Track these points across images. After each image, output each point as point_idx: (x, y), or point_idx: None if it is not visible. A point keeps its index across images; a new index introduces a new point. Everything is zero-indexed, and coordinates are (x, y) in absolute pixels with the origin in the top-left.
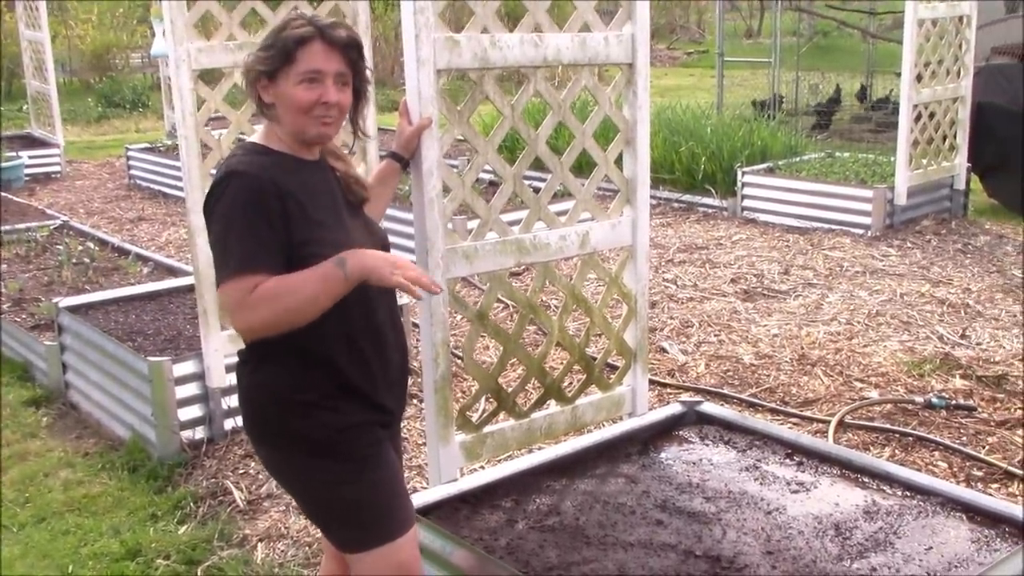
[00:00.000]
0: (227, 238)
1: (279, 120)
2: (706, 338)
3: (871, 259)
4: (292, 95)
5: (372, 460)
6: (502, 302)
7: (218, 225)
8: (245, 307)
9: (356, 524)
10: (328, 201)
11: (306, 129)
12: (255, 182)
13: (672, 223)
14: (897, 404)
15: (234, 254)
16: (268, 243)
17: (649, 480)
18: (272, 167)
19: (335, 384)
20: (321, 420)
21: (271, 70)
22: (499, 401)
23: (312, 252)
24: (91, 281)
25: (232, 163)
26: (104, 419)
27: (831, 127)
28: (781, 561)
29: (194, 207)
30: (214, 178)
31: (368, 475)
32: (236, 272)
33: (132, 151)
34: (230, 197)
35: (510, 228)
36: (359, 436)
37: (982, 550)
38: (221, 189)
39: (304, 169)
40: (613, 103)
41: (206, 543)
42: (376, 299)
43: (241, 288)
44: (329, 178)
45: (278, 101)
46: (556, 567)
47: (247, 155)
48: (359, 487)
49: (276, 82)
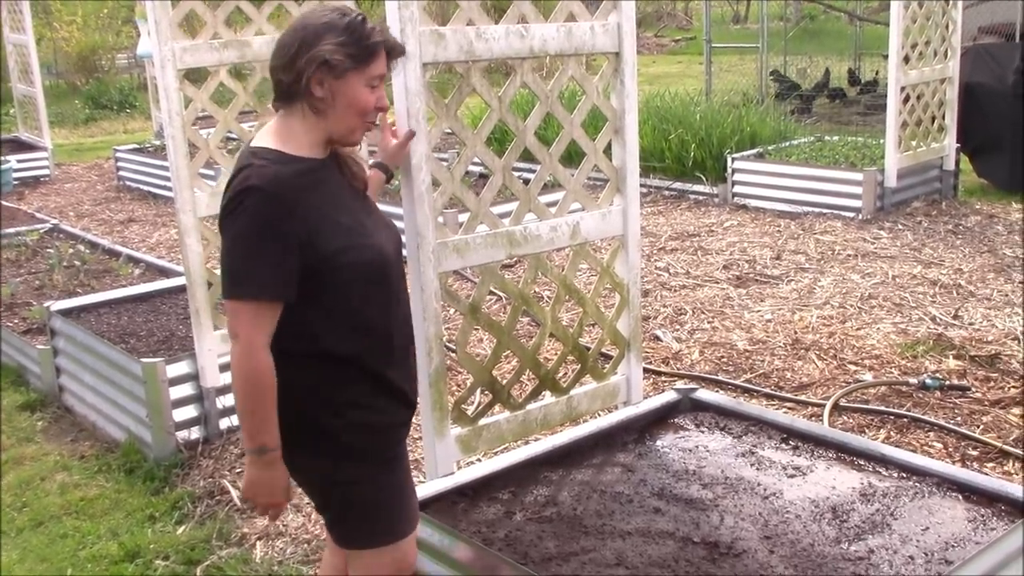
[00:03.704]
0: (244, 258)
1: (324, 115)
2: (699, 325)
3: (862, 242)
4: (359, 96)
5: (395, 462)
6: (494, 294)
7: (236, 243)
8: (244, 345)
9: (368, 522)
10: (347, 201)
11: (355, 130)
12: (277, 202)
13: (663, 211)
14: (891, 386)
15: (252, 278)
16: (282, 270)
17: (646, 468)
18: (296, 178)
19: (370, 384)
20: (353, 421)
21: (346, 68)
22: (494, 393)
23: (344, 261)
24: (82, 284)
25: (250, 174)
26: (99, 422)
27: (813, 111)
28: (779, 545)
29: (184, 207)
30: (233, 186)
31: (388, 477)
32: (252, 297)
33: (120, 152)
34: (249, 215)
35: (500, 220)
36: (387, 438)
37: (979, 529)
38: (239, 203)
39: (323, 171)
40: (601, 92)
41: (205, 543)
42: (401, 299)
43: (248, 313)
44: (341, 174)
45: (337, 98)
46: (555, 557)
47: (267, 165)
48: (378, 488)
49: (345, 79)
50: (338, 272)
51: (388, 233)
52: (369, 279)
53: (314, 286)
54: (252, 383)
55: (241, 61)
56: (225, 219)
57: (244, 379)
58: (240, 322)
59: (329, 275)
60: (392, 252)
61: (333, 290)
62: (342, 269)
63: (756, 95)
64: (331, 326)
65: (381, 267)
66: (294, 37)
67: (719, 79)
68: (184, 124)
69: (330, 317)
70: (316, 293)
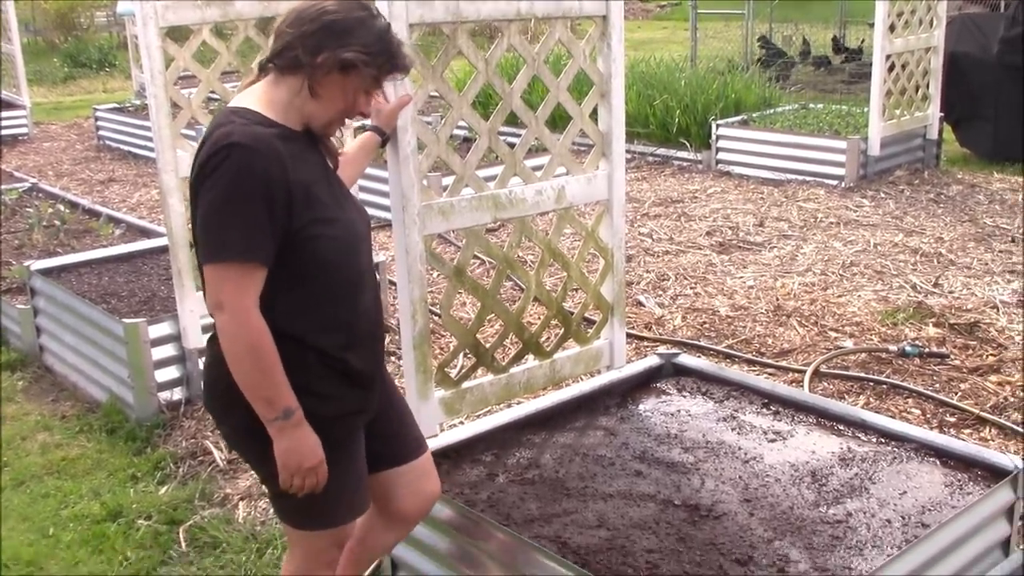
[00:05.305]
0: (225, 218)
1: (318, 101)
2: (682, 291)
3: (845, 210)
4: (356, 99)
5: (342, 450)
6: (479, 258)
7: (217, 202)
8: (233, 312)
9: (309, 507)
10: (323, 175)
11: (333, 124)
12: (260, 160)
13: (647, 177)
14: (871, 353)
15: (232, 240)
16: (266, 232)
17: (628, 432)
18: (279, 142)
19: (326, 369)
20: (304, 408)
21: (359, 73)
22: (478, 357)
23: (316, 233)
24: (62, 244)
25: (232, 131)
26: (80, 382)
27: (792, 78)
28: (758, 508)
29: (165, 167)
30: (209, 143)
31: (333, 466)
32: (239, 259)
33: (100, 112)
34: (233, 171)
35: (486, 184)
36: (339, 425)
37: (955, 493)
38: (221, 159)
39: (301, 142)
40: (587, 56)
41: (187, 503)
42: (369, 281)
43: (233, 278)
44: (318, 150)
45: (332, 91)
46: (537, 519)
47: (248, 124)
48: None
49: (349, 78)
50: (308, 245)
51: (360, 214)
52: (338, 256)
53: (281, 259)
54: (254, 347)
55: (224, 20)
56: (203, 179)
57: (243, 345)
58: (225, 289)
59: (299, 249)
60: (363, 231)
61: (299, 265)
62: (312, 242)
63: (741, 62)
64: (292, 303)
65: (351, 245)
66: (321, 20)
67: (704, 45)
68: (166, 83)
69: (292, 293)
70: (281, 267)
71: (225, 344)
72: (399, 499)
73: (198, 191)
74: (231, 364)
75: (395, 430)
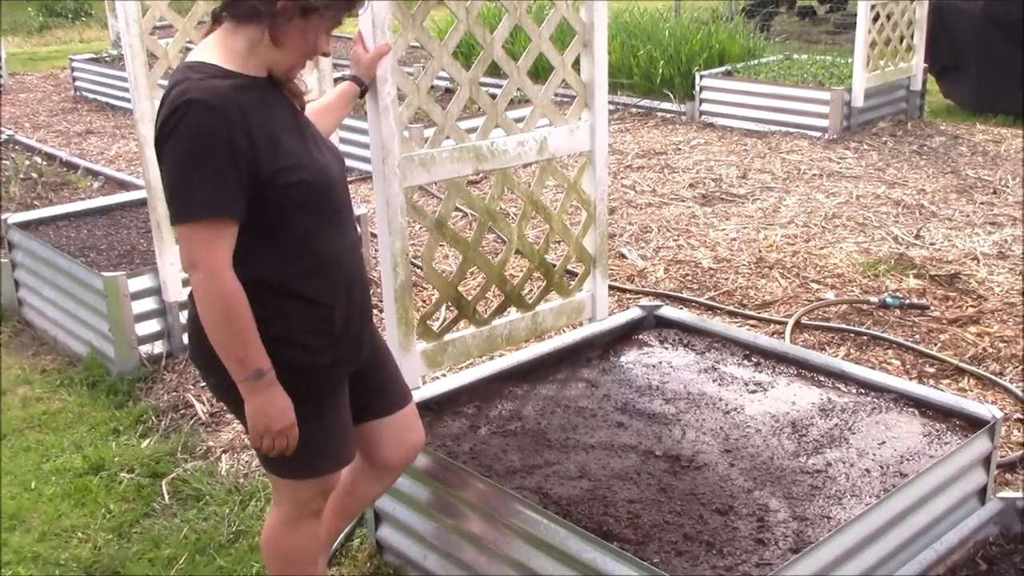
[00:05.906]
0: (193, 174)
1: (279, 48)
2: (665, 243)
3: (828, 162)
4: (317, 41)
5: (323, 401)
6: (461, 210)
7: (180, 161)
8: (207, 273)
9: (294, 457)
10: (289, 121)
11: (295, 68)
12: (219, 114)
13: (630, 128)
14: (852, 304)
15: (199, 197)
16: (233, 185)
17: (609, 384)
18: (238, 93)
19: (308, 319)
20: (286, 359)
21: (320, 14)
22: (460, 309)
23: (288, 180)
24: (40, 197)
25: (188, 87)
26: (60, 336)
27: (772, 27)
28: (739, 459)
29: (143, 118)
30: (167, 103)
31: (317, 418)
32: (207, 216)
33: (77, 62)
34: (193, 130)
35: (467, 135)
36: (324, 376)
37: (933, 443)
38: (179, 118)
39: (263, 88)
40: (570, 6)
41: (170, 456)
42: (347, 225)
43: (204, 236)
44: (281, 94)
45: (293, 37)
46: (519, 470)
47: (204, 78)
48: (303, 424)
49: (309, 21)
50: (281, 193)
51: (332, 155)
52: (314, 202)
53: (255, 209)
54: (226, 308)
55: None
56: (165, 139)
57: (217, 307)
58: (197, 247)
59: (272, 197)
60: (337, 174)
61: (275, 213)
62: (286, 190)
63: (726, 12)
64: (270, 253)
65: (326, 189)
66: None
67: None
68: (142, 33)
69: (270, 243)
70: (255, 217)
71: (200, 306)
72: (384, 449)
73: (161, 153)
74: (205, 324)
75: (381, 381)
